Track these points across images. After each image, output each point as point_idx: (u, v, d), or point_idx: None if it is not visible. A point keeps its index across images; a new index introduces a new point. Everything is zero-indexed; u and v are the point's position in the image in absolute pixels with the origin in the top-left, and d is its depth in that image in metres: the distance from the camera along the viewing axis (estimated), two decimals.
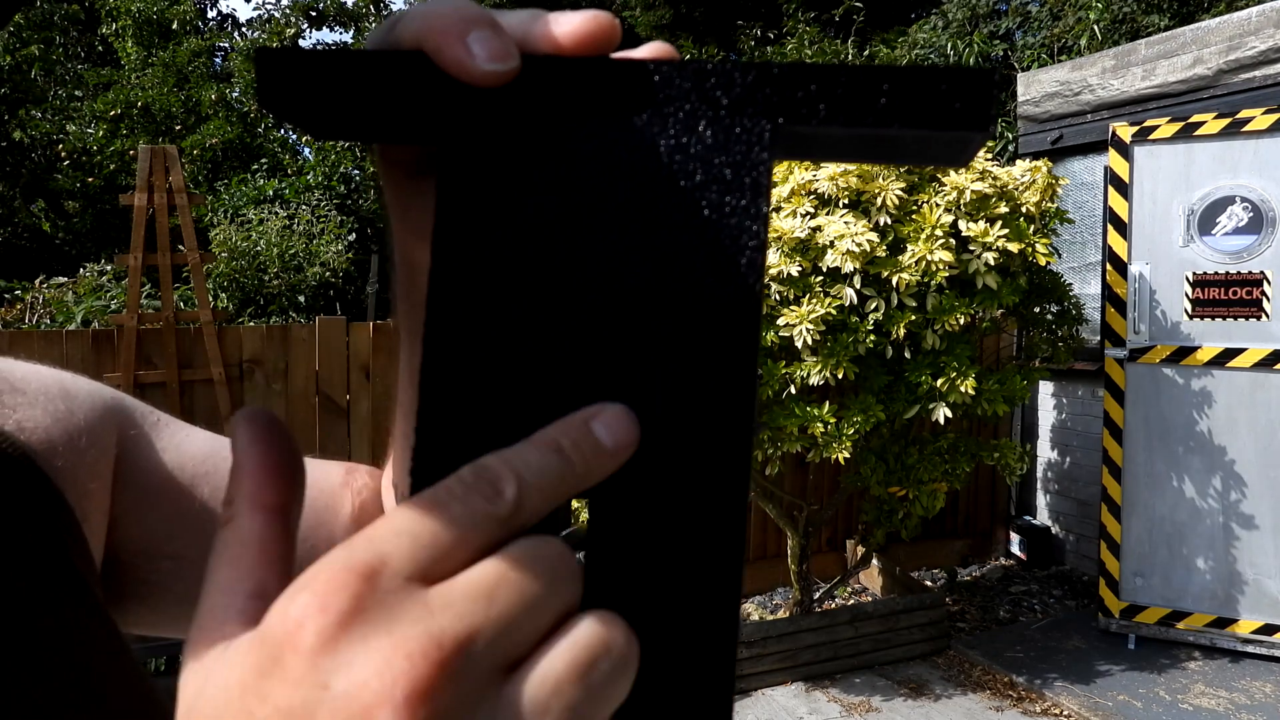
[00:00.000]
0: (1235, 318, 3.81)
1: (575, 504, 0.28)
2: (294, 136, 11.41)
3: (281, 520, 0.27)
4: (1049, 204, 3.48)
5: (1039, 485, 5.32)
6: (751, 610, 4.39)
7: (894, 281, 3.12)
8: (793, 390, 3.16)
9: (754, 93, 0.27)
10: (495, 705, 0.23)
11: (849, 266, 3.05)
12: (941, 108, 0.27)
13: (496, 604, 0.23)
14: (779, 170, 3.42)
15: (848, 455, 3.14)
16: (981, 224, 3.20)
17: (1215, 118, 3.82)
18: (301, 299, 7.79)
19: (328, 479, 0.59)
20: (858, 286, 3.11)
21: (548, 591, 0.24)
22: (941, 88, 0.27)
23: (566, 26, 0.28)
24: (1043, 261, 3.34)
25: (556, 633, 0.24)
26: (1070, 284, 4.06)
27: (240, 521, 0.27)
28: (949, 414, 3.21)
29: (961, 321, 3.17)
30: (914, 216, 3.23)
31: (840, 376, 3.11)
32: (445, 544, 0.24)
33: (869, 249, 3.06)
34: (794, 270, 3.08)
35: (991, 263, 3.17)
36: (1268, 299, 3.75)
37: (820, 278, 3.15)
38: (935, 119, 0.27)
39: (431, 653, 0.22)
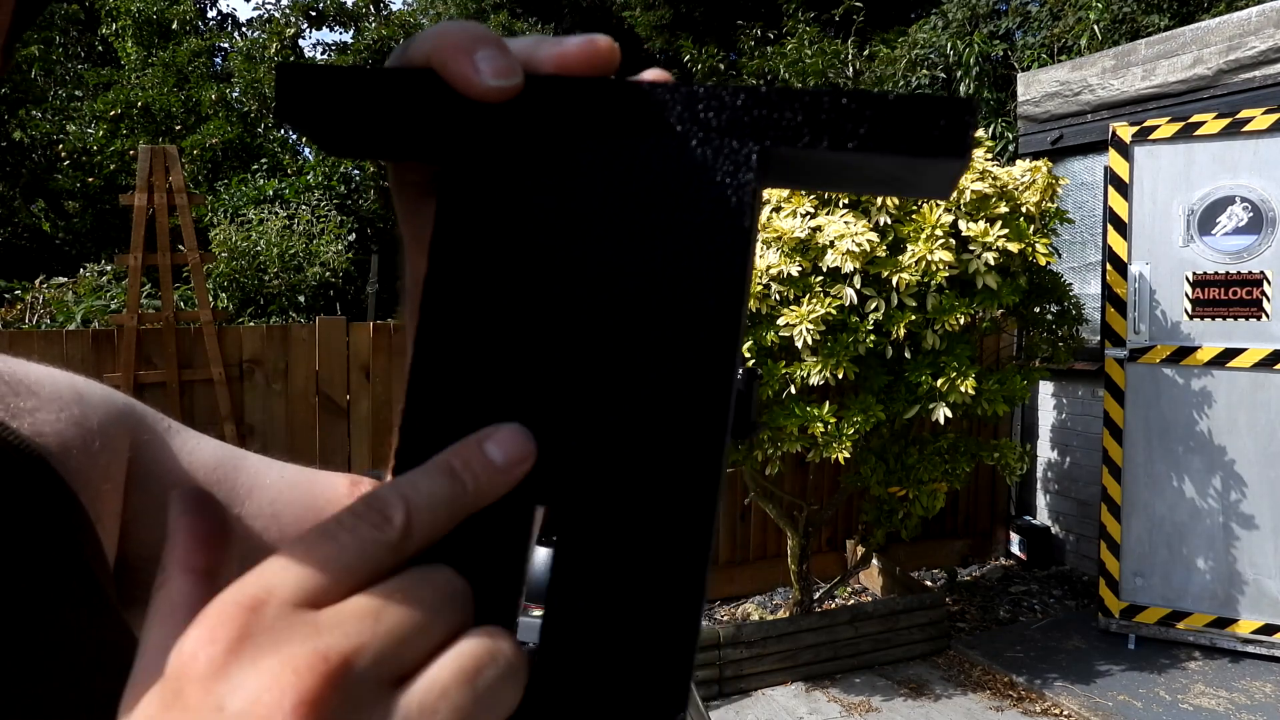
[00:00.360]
0: (1235, 318, 3.82)
1: None
2: (294, 136, 11.41)
3: (209, 582, 0.29)
4: (1049, 204, 3.48)
5: (1039, 485, 5.32)
6: (751, 610, 4.40)
7: (894, 281, 3.12)
8: (793, 390, 3.16)
9: (742, 115, 0.29)
10: (385, 712, 0.24)
11: (849, 266, 3.05)
12: (922, 135, 0.28)
13: (383, 622, 0.25)
14: None
15: (848, 455, 3.14)
16: (981, 224, 3.20)
17: (1215, 118, 3.82)
18: (301, 299, 7.79)
19: (333, 490, 0.60)
20: (858, 286, 3.11)
21: (434, 613, 0.26)
22: (923, 115, 0.28)
23: (568, 48, 0.30)
24: (1043, 261, 3.34)
25: (445, 649, 0.26)
26: (1070, 284, 4.06)
27: (171, 584, 0.29)
28: (949, 414, 3.21)
29: (961, 321, 3.17)
30: (914, 216, 3.23)
31: (840, 376, 3.11)
32: (333, 572, 0.25)
33: (869, 249, 3.06)
34: (794, 270, 3.08)
35: (991, 262, 3.17)
36: (1268, 299, 3.75)
37: (820, 278, 3.15)
38: (916, 146, 0.28)
39: (318, 665, 0.23)
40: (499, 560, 0.28)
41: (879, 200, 3.19)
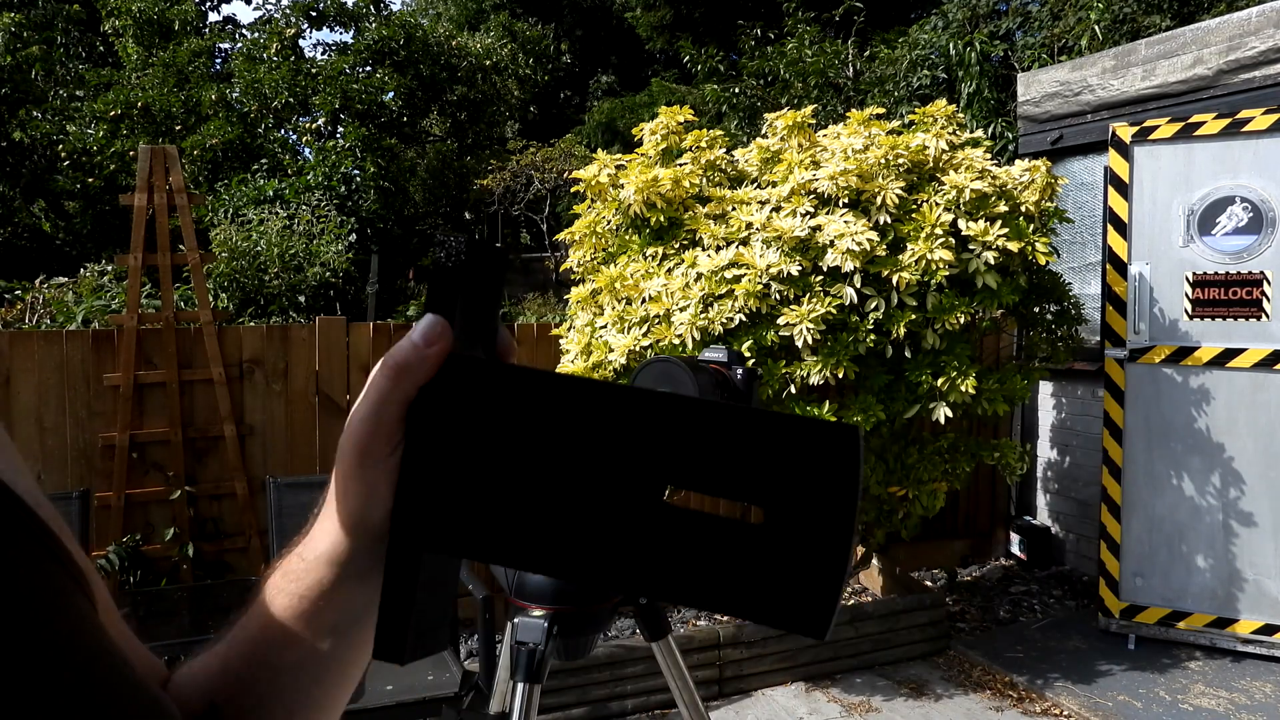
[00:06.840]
0: (1235, 318, 3.81)
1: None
2: (294, 136, 11.40)
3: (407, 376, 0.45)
4: (1048, 203, 3.48)
5: (1039, 485, 5.31)
6: None
7: (894, 280, 3.12)
8: (793, 390, 3.16)
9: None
10: None
11: (849, 265, 3.05)
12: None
13: None
14: (779, 169, 3.42)
15: None
16: (981, 223, 3.20)
17: (1215, 118, 3.82)
18: (301, 299, 7.79)
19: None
20: (858, 286, 3.11)
21: None
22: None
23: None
24: (1042, 261, 3.34)
25: None
26: (1070, 284, 4.06)
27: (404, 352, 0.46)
28: (949, 413, 3.21)
29: (961, 321, 3.17)
30: (914, 215, 3.23)
31: (840, 376, 3.11)
32: None
33: (869, 248, 3.06)
34: (794, 269, 3.08)
35: (991, 262, 3.17)
36: (1268, 299, 3.75)
37: (820, 277, 3.15)
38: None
39: None
40: None
41: (879, 199, 3.19)
